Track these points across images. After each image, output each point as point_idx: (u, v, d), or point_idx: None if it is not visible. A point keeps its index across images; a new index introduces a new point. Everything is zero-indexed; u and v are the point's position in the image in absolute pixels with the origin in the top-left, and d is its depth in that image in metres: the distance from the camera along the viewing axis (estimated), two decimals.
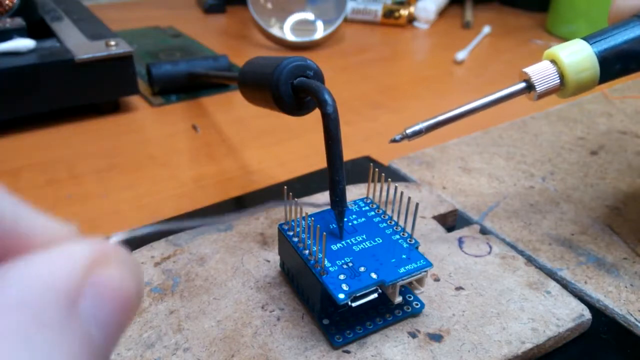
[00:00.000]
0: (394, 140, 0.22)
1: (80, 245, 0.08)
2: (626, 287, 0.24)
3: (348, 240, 0.21)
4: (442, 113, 0.23)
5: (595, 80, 0.22)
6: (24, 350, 0.06)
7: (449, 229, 0.27)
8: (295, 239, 0.21)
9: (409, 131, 0.22)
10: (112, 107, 0.42)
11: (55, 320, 0.07)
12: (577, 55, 0.22)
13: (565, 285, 0.24)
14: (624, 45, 0.22)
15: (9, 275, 0.07)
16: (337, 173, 0.21)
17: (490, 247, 0.25)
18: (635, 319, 0.22)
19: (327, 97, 0.21)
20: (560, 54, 0.22)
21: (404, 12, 0.67)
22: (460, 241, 0.25)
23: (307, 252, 0.20)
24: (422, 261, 0.20)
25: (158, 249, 0.24)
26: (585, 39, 0.22)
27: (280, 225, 0.22)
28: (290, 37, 0.58)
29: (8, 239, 0.07)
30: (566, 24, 0.62)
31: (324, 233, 0.19)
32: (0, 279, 0.07)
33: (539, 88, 0.22)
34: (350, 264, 0.19)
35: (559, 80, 0.22)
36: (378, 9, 0.67)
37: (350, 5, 0.67)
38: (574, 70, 0.22)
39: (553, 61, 0.22)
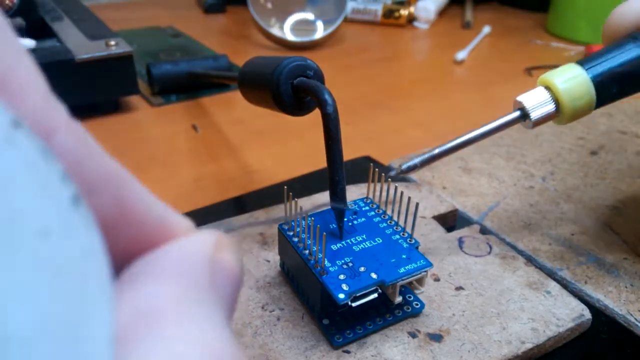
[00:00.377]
0: (389, 177, 0.22)
1: (205, 233, 0.10)
2: (626, 287, 0.24)
3: (348, 240, 0.21)
4: (437, 147, 0.22)
5: (591, 107, 0.21)
6: (202, 306, 0.08)
7: (449, 229, 0.27)
8: (295, 239, 0.21)
9: (404, 167, 0.22)
10: (112, 107, 0.42)
11: (207, 289, 0.09)
12: (573, 82, 0.21)
13: (565, 285, 0.24)
14: (620, 69, 0.21)
15: (170, 253, 0.09)
16: (337, 173, 0.21)
17: (490, 247, 0.25)
18: (635, 319, 0.22)
19: (327, 97, 0.21)
20: (555, 80, 0.21)
21: (404, 12, 0.67)
22: (460, 241, 0.25)
23: (307, 252, 0.20)
24: (422, 261, 0.20)
25: None
26: (580, 63, 0.22)
27: (280, 225, 0.22)
28: (290, 37, 0.58)
29: (156, 227, 0.09)
30: (566, 24, 0.62)
31: (324, 233, 0.19)
32: (165, 256, 0.09)
33: (534, 116, 0.21)
34: (350, 264, 0.19)
35: (554, 108, 0.21)
36: (378, 8, 0.67)
37: (350, 5, 0.67)
38: (570, 98, 0.21)
39: (547, 87, 0.22)
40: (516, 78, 0.51)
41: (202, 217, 0.28)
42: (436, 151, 0.22)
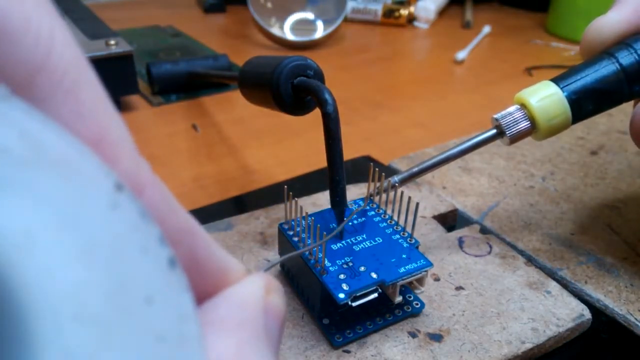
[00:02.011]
0: (371, 196, 0.22)
1: (256, 278, 0.10)
2: (626, 287, 0.24)
3: (348, 240, 0.21)
4: (415, 165, 0.22)
5: (568, 124, 0.21)
6: (257, 355, 0.09)
7: (449, 228, 0.27)
8: (296, 239, 0.21)
9: (385, 186, 0.22)
10: None
11: (262, 334, 0.09)
12: (548, 100, 0.21)
13: (565, 285, 0.24)
14: (595, 85, 0.21)
15: (228, 302, 0.09)
16: (337, 173, 0.21)
17: (491, 247, 0.25)
18: (635, 319, 0.22)
19: (327, 96, 0.21)
20: (530, 100, 0.21)
21: (404, 11, 0.67)
22: (461, 241, 0.25)
23: (307, 252, 0.20)
24: (422, 261, 0.20)
25: None
26: (555, 81, 0.22)
27: (281, 224, 0.22)
28: (290, 36, 0.58)
29: (219, 274, 0.10)
30: (566, 24, 0.62)
31: (324, 233, 0.19)
32: (225, 305, 0.09)
33: (509, 133, 0.22)
34: (351, 264, 0.19)
35: (529, 125, 0.21)
36: (378, 8, 0.67)
37: (350, 5, 0.67)
38: (546, 116, 0.21)
39: (523, 105, 0.22)
40: (516, 78, 0.51)
41: (202, 216, 0.28)
42: (415, 169, 0.22)
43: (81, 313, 0.06)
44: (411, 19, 0.68)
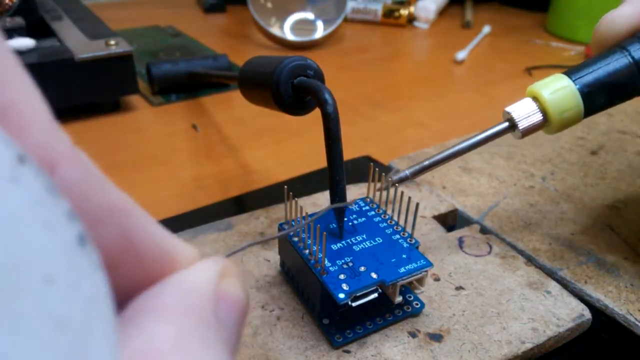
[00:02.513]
0: (378, 190, 0.22)
1: (208, 263, 0.10)
2: (626, 287, 0.24)
3: (348, 240, 0.21)
4: (427, 159, 0.22)
5: (580, 117, 0.21)
6: (204, 345, 0.08)
7: (449, 228, 0.27)
8: (296, 239, 0.21)
9: (395, 178, 0.22)
10: (112, 106, 0.42)
11: (212, 323, 0.09)
12: (560, 93, 0.21)
13: (565, 285, 0.24)
14: (607, 79, 0.21)
15: (173, 288, 0.09)
16: (337, 172, 0.21)
17: (491, 247, 0.25)
18: (635, 319, 0.22)
19: (327, 96, 0.21)
20: (542, 92, 0.21)
21: (404, 11, 0.67)
22: (461, 241, 0.25)
23: (307, 251, 0.20)
24: (422, 261, 0.20)
25: None
26: (567, 74, 0.21)
27: (281, 224, 0.22)
28: (290, 36, 0.58)
29: (161, 258, 0.09)
30: (566, 24, 0.62)
31: (324, 233, 0.19)
32: (167, 291, 0.09)
33: (522, 127, 0.21)
34: (351, 264, 0.19)
35: (542, 118, 0.21)
36: (378, 8, 0.67)
37: (350, 5, 0.67)
38: (558, 109, 0.21)
39: (535, 98, 0.22)
40: (516, 78, 0.51)
41: (202, 216, 0.28)
42: (426, 163, 0.22)
43: None
44: (411, 19, 0.68)
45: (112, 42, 0.39)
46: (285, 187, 0.21)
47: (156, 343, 0.08)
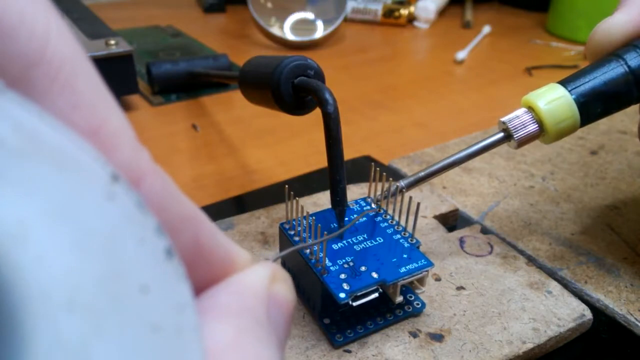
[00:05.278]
0: (377, 201, 0.22)
1: (261, 266, 0.10)
2: (626, 287, 0.24)
3: (349, 240, 0.21)
4: (423, 170, 0.22)
5: (576, 127, 0.21)
6: (259, 343, 0.09)
7: (450, 228, 0.27)
8: (297, 238, 0.21)
9: (392, 188, 0.22)
10: None
11: (264, 323, 0.09)
12: (556, 103, 0.21)
13: (565, 285, 0.24)
14: (603, 88, 0.21)
15: (231, 290, 0.09)
16: (337, 172, 0.21)
17: (492, 247, 0.25)
18: (636, 319, 0.22)
19: (328, 96, 0.21)
20: (538, 103, 0.21)
21: (404, 11, 0.67)
22: (462, 241, 0.25)
23: (308, 251, 0.20)
24: (423, 261, 0.20)
25: None
26: (563, 83, 0.21)
27: (281, 224, 0.22)
28: (290, 36, 0.58)
29: (224, 263, 0.10)
30: (566, 24, 0.62)
31: (325, 232, 0.19)
32: (226, 292, 0.09)
33: (517, 137, 0.21)
34: (351, 264, 0.19)
35: (537, 128, 0.21)
36: (378, 8, 0.67)
37: (350, 5, 0.67)
38: (554, 120, 0.21)
39: (530, 108, 0.21)
40: (516, 78, 0.51)
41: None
42: (421, 174, 0.22)
43: (73, 301, 0.06)
44: (411, 19, 0.68)
45: (112, 42, 0.39)
46: (287, 186, 0.21)
47: (217, 340, 0.08)
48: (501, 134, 0.22)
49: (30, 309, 0.06)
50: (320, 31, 0.59)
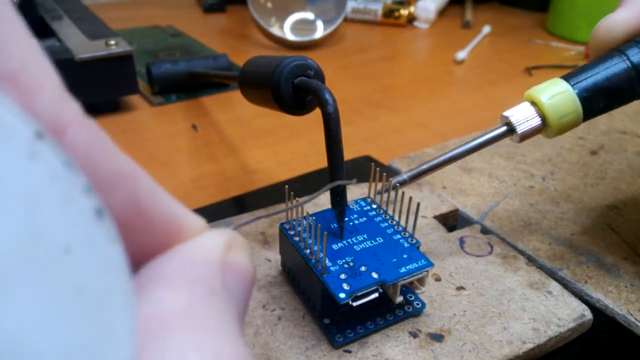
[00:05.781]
0: (379, 193, 0.22)
1: (216, 233, 0.10)
2: (626, 287, 0.24)
3: (349, 240, 0.21)
4: (424, 162, 0.22)
5: (579, 121, 0.21)
6: (213, 312, 0.08)
7: (450, 228, 0.27)
8: (297, 239, 0.21)
9: (393, 181, 0.22)
10: (112, 106, 0.42)
11: (218, 293, 0.09)
12: (559, 97, 0.21)
13: (565, 285, 0.24)
14: (606, 83, 0.21)
15: (182, 256, 0.09)
16: (337, 172, 0.21)
17: (492, 247, 0.25)
18: (636, 319, 0.22)
19: (328, 96, 0.21)
20: (541, 97, 0.21)
21: (404, 11, 0.67)
22: (462, 241, 0.25)
23: (308, 251, 0.20)
24: (423, 261, 0.20)
25: None
26: (565, 78, 0.21)
27: (281, 224, 0.22)
28: (290, 36, 0.58)
29: (169, 227, 0.09)
30: (566, 24, 0.62)
31: (325, 232, 0.19)
32: (176, 260, 0.09)
33: (520, 131, 0.21)
34: (351, 264, 0.19)
35: (540, 122, 0.21)
36: (378, 8, 0.67)
37: (350, 5, 0.67)
38: (557, 114, 0.21)
39: (533, 103, 0.22)
40: (516, 78, 0.51)
41: (202, 216, 0.28)
42: (424, 167, 0.22)
43: None
44: (411, 19, 0.68)
45: (112, 42, 0.39)
46: (287, 186, 0.21)
47: (166, 309, 0.08)
48: (504, 128, 0.22)
49: None
50: (320, 31, 0.59)
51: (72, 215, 0.07)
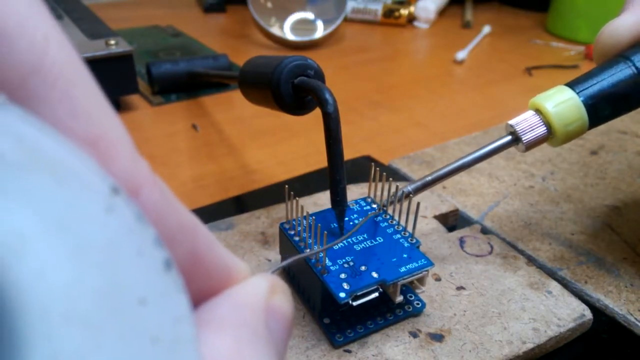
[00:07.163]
0: (383, 206, 0.22)
1: (260, 278, 0.10)
2: (626, 287, 0.24)
3: (349, 240, 0.21)
4: (429, 174, 0.22)
5: (584, 129, 0.21)
6: (258, 353, 0.09)
7: (450, 228, 0.27)
8: (297, 238, 0.21)
9: (398, 193, 0.21)
10: (112, 106, 0.42)
11: (263, 335, 0.09)
12: (564, 105, 0.21)
13: (565, 285, 0.24)
14: (612, 90, 0.20)
15: (229, 301, 0.09)
16: (337, 172, 0.21)
17: (492, 247, 0.25)
18: (636, 318, 0.22)
19: (328, 96, 0.21)
20: (546, 105, 0.21)
21: (404, 11, 0.67)
22: (462, 241, 0.25)
23: (308, 251, 0.20)
24: (423, 260, 0.20)
25: None
26: (570, 85, 0.21)
27: (282, 224, 0.22)
28: (290, 36, 0.58)
29: (221, 274, 0.10)
30: (566, 24, 0.62)
31: (325, 232, 0.19)
32: (225, 305, 0.09)
33: (526, 140, 0.21)
34: (352, 263, 0.19)
35: (546, 130, 0.21)
36: (378, 8, 0.67)
37: (350, 5, 0.67)
38: (563, 123, 0.21)
39: (538, 111, 0.21)
40: (516, 78, 0.51)
41: (202, 216, 0.28)
42: (429, 178, 0.22)
43: (70, 313, 0.06)
44: (411, 19, 0.68)
45: (112, 42, 0.39)
46: (287, 186, 0.21)
47: (216, 353, 0.08)
48: (509, 137, 0.22)
49: (28, 322, 0.06)
50: (320, 31, 0.59)
51: (145, 266, 0.07)
